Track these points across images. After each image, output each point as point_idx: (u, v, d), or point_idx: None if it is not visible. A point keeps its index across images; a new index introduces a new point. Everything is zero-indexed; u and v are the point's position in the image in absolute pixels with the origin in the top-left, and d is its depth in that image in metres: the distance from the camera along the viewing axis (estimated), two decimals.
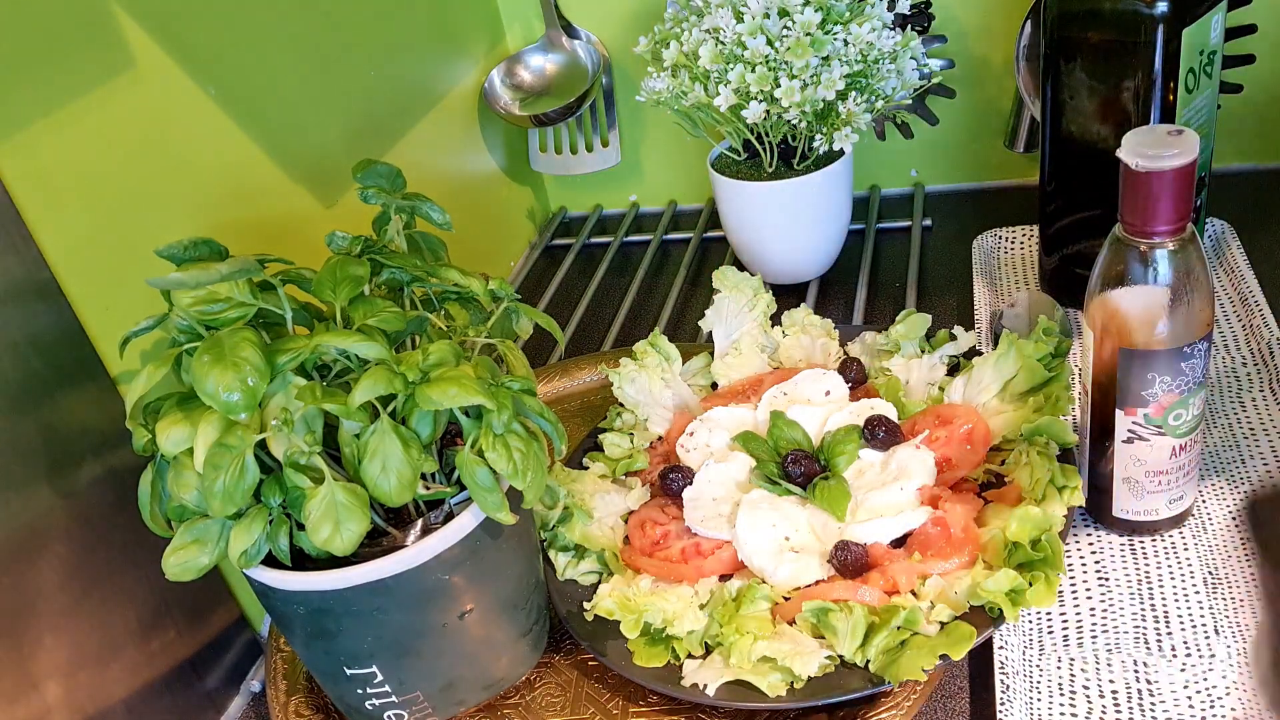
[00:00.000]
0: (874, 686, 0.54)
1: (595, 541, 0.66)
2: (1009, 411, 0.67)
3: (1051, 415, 0.63)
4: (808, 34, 0.80)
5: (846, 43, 0.81)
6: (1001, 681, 0.56)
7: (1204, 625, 0.58)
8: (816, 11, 0.80)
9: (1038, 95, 0.78)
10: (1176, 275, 0.55)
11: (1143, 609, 0.60)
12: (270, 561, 0.53)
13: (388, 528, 0.54)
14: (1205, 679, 0.55)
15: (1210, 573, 0.61)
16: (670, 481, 0.68)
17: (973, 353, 0.72)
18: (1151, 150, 0.52)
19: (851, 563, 0.59)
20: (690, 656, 0.58)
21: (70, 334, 0.57)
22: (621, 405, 0.76)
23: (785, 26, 0.80)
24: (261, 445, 0.50)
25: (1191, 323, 0.56)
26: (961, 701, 0.58)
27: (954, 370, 0.72)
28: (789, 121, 0.84)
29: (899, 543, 0.61)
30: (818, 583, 0.60)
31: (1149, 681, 0.56)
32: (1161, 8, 0.67)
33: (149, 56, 0.63)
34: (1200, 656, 0.57)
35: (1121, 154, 0.54)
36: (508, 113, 1.08)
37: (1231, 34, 0.91)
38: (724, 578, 0.63)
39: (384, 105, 0.90)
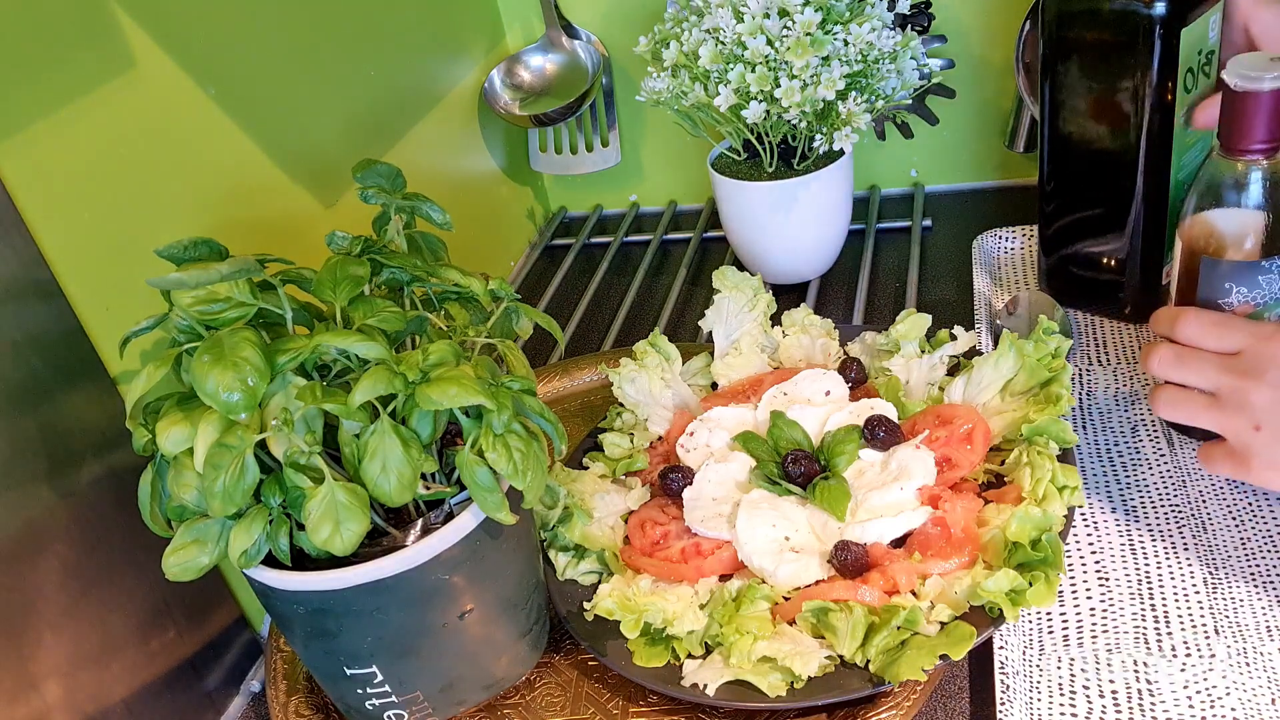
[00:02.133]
0: (874, 686, 0.54)
1: (595, 541, 0.66)
2: (1009, 411, 0.67)
3: (1052, 415, 0.63)
4: (808, 34, 0.80)
5: (846, 43, 0.81)
6: (1001, 681, 0.56)
7: (1204, 625, 0.58)
8: (816, 11, 0.80)
9: (1037, 95, 0.78)
10: (1266, 194, 0.59)
11: (1143, 609, 0.60)
12: (270, 561, 0.53)
13: (388, 528, 0.54)
14: (1205, 679, 0.55)
15: (1210, 573, 0.61)
16: (670, 481, 0.68)
17: (973, 353, 0.72)
18: (1253, 72, 0.56)
19: (851, 563, 0.59)
20: (690, 656, 0.58)
21: (70, 334, 0.57)
22: (621, 405, 0.76)
23: (785, 26, 0.80)
24: (261, 445, 0.50)
25: (1277, 238, 0.59)
26: (961, 701, 0.58)
27: (954, 370, 0.72)
28: (789, 121, 0.84)
29: (899, 543, 0.61)
30: (818, 583, 0.60)
31: (1149, 681, 0.56)
32: (1159, 8, 0.67)
33: (149, 56, 0.63)
34: (1200, 656, 0.57)
35: (1224, 75, 0.57)
36: (508, 113, 1.08)
37: None
38: (724, 578, 0.63)
39: (384, 105, 0.90)
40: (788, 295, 0.95)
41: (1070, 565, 0.63)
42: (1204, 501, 0.66)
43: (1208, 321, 0.58)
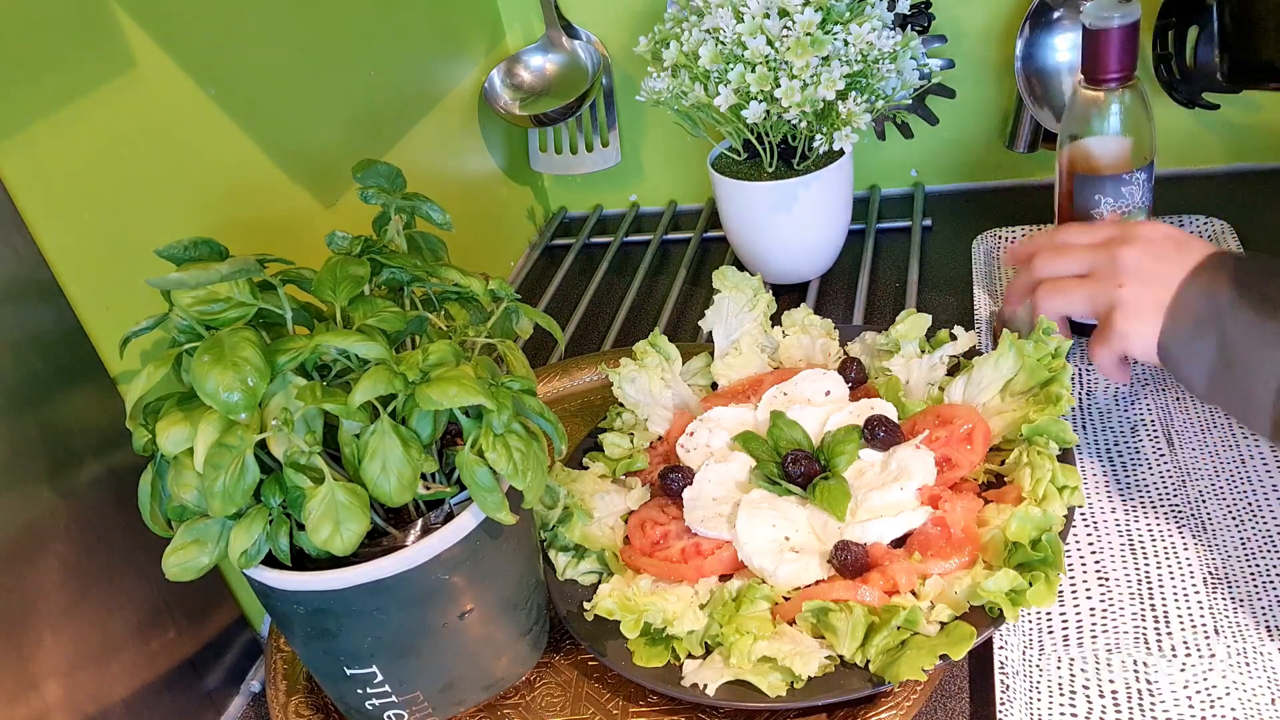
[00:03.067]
0: (874, 686, 0.54)
1: (595, 541, 0.66)
2: (1009, 411, 0.67)
3: (1052, 415, 0.63)
4: (808, 34, 0.80)
5: (846, 43, 0.81)
6: (1001, 681, 0.56)
7: (1204, 625, 0.58)
8: (816, 11, 0.80)
9: (1035, 96, 0.79)
10: (1122, 116, 0.71)
11: (1143, 609, 0.60)
12: (270, 561, 0.53)
13: (388, 528, 0.54)
14: (1205, 679, 0.55)
15: (1210, 573, 0.61)
16: (670, 481, 0.68)
17: (973, 353, 0.72)
18: (1104, 12, 0.68)
19: (851, 563, 0.59)
20: (690, 656, 0.58)
21: (70, 334, 0.57)
22: (621, 405, 0.76)
23: (785, 26, 0.80)
24: (261, 445, 0.50)
25: (1133, 154, 0.72)
26: (961, 701, 0.58)
27: (954, 370, 0.72)
28: (789, 121, 0.84)
29: (899, 543, 0.61)
30: (818, 583, 0.60)
31: (1149, 681, 0.56)
32: None
33: (149, 56, 0.63)
34: (1200, 656, 0.57)
35: (1081, 17, 0.69)
36: (508, 113, 1.08)
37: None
38: (724, 578, 0.63)
39: (384, 105, 0.90)
40: (788, 295, 0.95)
41: (1070, 565, 0.63)
42: (1204, 501, 0.66)
43: (1082, 225, 0.68)
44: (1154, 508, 0.66)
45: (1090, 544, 0.65)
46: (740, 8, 0.81)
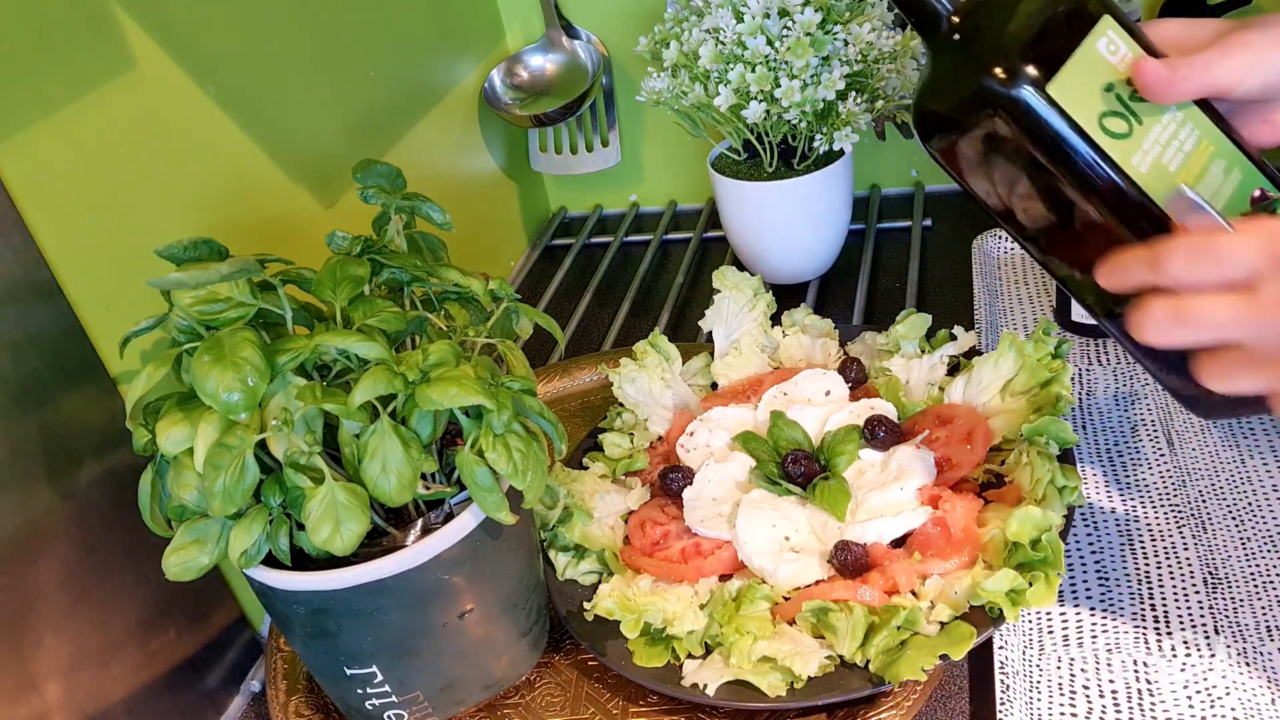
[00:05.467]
0: (874, 686, 0.54)
1: (595, 541, 0.66)
2: (1009, 411, 0.67)
3: (1052, 415, 0.63)
4: (808, 34, 0.80)
5: (846, 43, 0.81)
6: (1001, 681, 0.56)
7: (1204, 625, 0.58)
8: (816, 11, 0.80)
9: None
10: None
11: (1143, 609, 0.60)
12: (270, 561, 0.53)
13: (388, 528, 0.54)
14: (1205, 679, 0.55)
15: (1210, 573, 0.61)
16: (670, 481, 0.68)
17: (973, 353, 0.72)
18: None
19: (851, 563, 0.59)
20: (690, 656, 0.58)
21: (70, 334, 0.57)
22: (621, 405, 0.76)
23: (785, 26, 0.80)
24: (261, 445, 0.50)
25: None
26: (961, 701, 0.58)
27: (954, 370, 0.72)
28: (789, 121, 0.84)
29: (899, 543, 0.61)
30: (818, 583, 0.60)
31: (1149, 681, 0.56)
32: (1014, 87, 0.48)
33: (149, 56, 0.63)
34: (1200, 656, 0.57)
35: None
36: (508, 113, 1.08)
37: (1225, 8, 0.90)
38: (724, 578, 0.63)
39: (384, 105, 0.90)
40: (788, 295, 0.95)
41: (1070, 565, 0.63)
42: (1204, 501, 0.66)
43: (1193, 248, 0.42)
44: (1154, 508, 0.66)
45: (1090, 544, 0.65)
46: (740, 8, 0.81)
